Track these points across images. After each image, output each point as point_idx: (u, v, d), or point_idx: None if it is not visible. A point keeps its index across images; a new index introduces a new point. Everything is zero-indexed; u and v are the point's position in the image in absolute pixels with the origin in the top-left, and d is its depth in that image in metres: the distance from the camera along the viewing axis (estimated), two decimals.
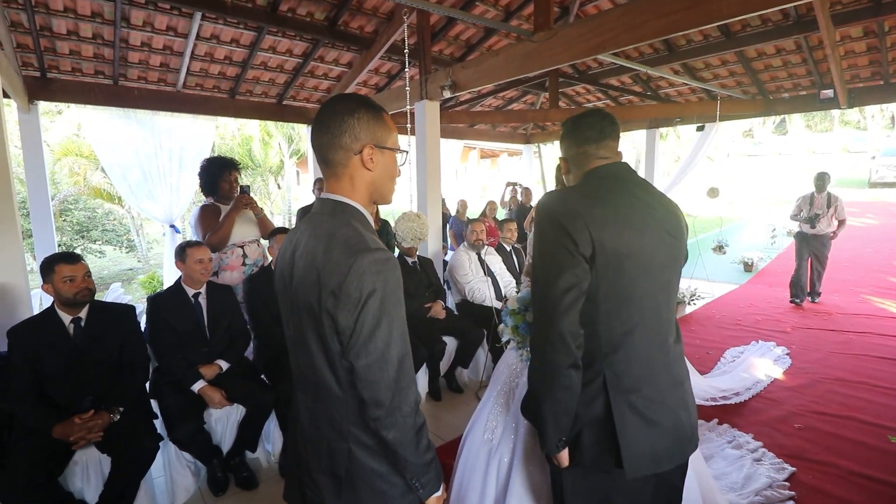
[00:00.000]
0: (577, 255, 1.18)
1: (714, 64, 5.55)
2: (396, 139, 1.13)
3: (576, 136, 1.40)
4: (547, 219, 1.26)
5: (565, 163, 1.46)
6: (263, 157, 14.97)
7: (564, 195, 1.30)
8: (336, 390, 1.04)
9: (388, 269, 0.98)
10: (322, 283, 0.98)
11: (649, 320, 1.26)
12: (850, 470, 2.58)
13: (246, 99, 5.37)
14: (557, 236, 1.20)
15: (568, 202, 1.25)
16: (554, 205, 1.27)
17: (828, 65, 4.62)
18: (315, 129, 1.07)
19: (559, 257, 1.19)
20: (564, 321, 1.18)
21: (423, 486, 1.06)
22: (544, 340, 1.21)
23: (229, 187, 3.24)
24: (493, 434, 1.85)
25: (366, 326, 0.95)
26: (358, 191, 1.09)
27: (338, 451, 1.06)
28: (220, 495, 2.46)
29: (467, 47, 5.46)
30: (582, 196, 1.27)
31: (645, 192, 1.32)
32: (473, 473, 1.84)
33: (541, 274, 1.24)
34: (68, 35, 3.87)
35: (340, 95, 1.09)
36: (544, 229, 1.26)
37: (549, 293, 1.19)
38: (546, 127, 8.58)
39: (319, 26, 4.52)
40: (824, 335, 4.79)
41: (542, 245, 1.25)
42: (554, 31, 3.11)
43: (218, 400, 2.48)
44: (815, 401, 3.38)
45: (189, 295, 2.65)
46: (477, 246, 4.12)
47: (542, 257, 1.24)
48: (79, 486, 2.08)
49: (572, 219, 1.20)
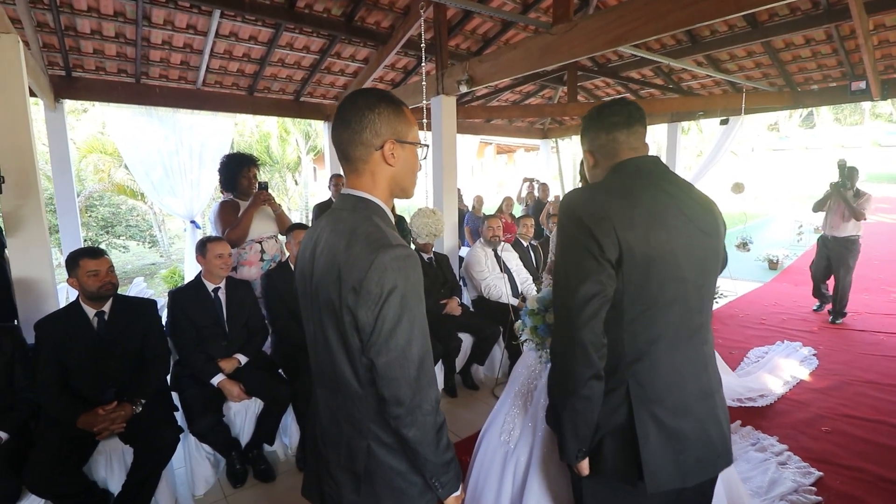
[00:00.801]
0: (602, 260, 1.10)
1: (739, 55, 5.39)
2: (417, 133, 1.11)
3: (603, 123, 1.30)
4: (571, 219, 1.17)
5: (591, 156, 1.35)
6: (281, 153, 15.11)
7: (590, 193, 1.20)
8: (356, 387, 1.03)
9: (409, 266, 0.96)
10: (343, 280, 0.97)
11: (679, 327, 1.18)
12: (881, 476, 2.48)
13: (264, 96, 5.42)
14: (582, 239, 1.12)
15: (593, 201, 1.16)
16: (578, 204, 1.17)
17: (860, 55, 4.46)
18: (335, 125, 1.06)
19: (583, 262, 1.12)
20: (587, 330, 1.11)
21: (443, 485, 1.05)
22: (565, 349, 1.15)
23: (248, 183, 3.27)
24: (511, 436, 1.82)
25: (386, 323, 0.94)
26: (379, 186, 1.07)
27: (357, 448, 1.05)
28: (239, 487, 2.50)
29: (484, 41, 5.41)
30: (608, 194, 1.17)
31: (677, 187, 1.23)
32: (490, 475, 1.82)
33: (563, 279, 1.16)
34: (92, 34, 3.96)
35: (360, 90, 1.07)
36: (568, 231, 1.17)
37: (572, 300, 1.12)
38: (564, 122, 8.47)
39: (336, 22, 4.53)
40: (854, 335, 4.63)
41: (566, 248, 1.17)
42: (573, 23, 3.05)
43: (237, 393, 2.51)
44: (844, 403, 3.27)
45: (209, 290, 2.68)
46: (493, 242, 4.09)
47: (565, 261, 1.17)
48: (102, 476, 2.13)
49: (598, 220, 1.11)
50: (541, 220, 6.54)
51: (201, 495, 2.45)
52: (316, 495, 1.21)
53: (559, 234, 1.21)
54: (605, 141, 1.30)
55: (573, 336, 1.12)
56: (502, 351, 3.81)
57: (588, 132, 1.34)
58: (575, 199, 1.20)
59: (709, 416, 1.22)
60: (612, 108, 1.30)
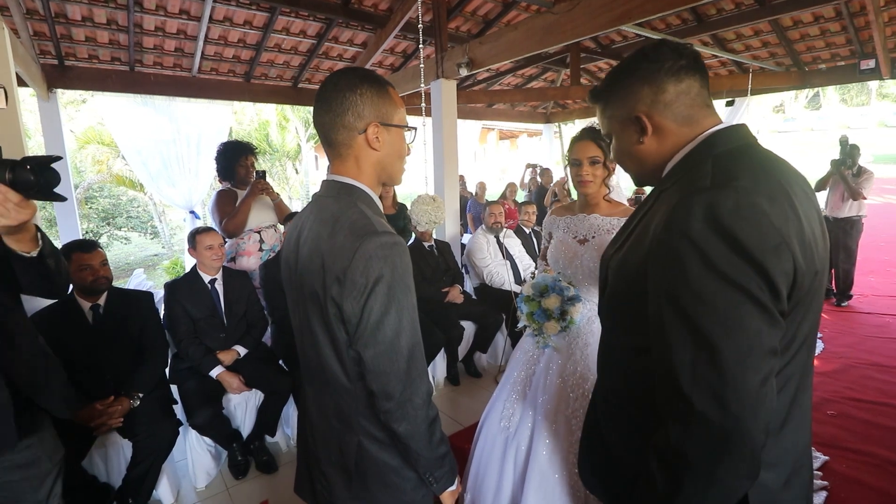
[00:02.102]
0: (776, 313, 0.71)
1: (746, 34, 5.27)
2: (404, 115, 1.05)
3: (664, 66, 0.85)
4: (722, 248, 0.70)
5: (648, 121, 0.87)
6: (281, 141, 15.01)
7: (743, 196, 0.71)
8: (344, 381, 0.99)
9: (395, 254, 0.92)
10: (326, 269, 0.93)
11: (810, 371, 0.86)
12: (888, 459, 2.46)
13: (261, 83, 5.33)
14: (745, 283, 0.69)
15: (757, 211, 0.70)
16: (733, 219, 0.70)
17: (870, 32, 4.34)
18: (316, 107, 1.00)
19: (750, 323, 0.70)
20: (761, 426, 0.71)
21: (437, 480, 1.02)
22: (720, 455, 0.71)
23: (245, 172, 3.22)
24: (510, 422, 1.81)
25: (373, 315, 0.90)
26: (364, 172, 1.02)
27: (347, 444, 1.02)
28: (241, 479, 2.49)
29: (485, 23, 5.29)
30: (761, 194, 0.72)
31: (786, 165, 0.83)
32: (490, 461, 1.81)
33: (721, 349, 0.70)
34: (83, 21, 3.87)
35: (342, 70, 1.01)
36: (716, 268, 0.70)
37: (738, 385, 0.69)
38: (567, 105, 8.34)
39: (333, 5, 4.42)
40: (859, 318, 4.59)
41: (709, 297, 0.70)
42: (576, 2, 2.96)
43: (236, 385, 2.50)
44: (850, 387, 3.24)
45: (205, 281, 2.65)
46: (495, 229, 4.04)
47: (705, 315, 0.71)
48: (102, 470, 2.12)
49: (774, 249, 0.70)
50: (545, 203, 6.49)
51: (203, 487, 2.44)
52: (308, 493, 1.19)
53: (684, 266, 0.72)
54: (674, 94, 0.85)
55: (741, 437, 0.70)
56: (505, 338, 3.78)
57: (641, 82, 0.87)
58: (722, 210, 0.70)
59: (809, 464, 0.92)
60: (666, 47, 0.87)
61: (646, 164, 0.93)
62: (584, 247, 1.76)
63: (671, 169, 0.89)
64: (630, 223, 0.98)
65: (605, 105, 0.96)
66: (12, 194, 1.03)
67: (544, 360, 1.80)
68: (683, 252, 0.72)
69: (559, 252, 1.83)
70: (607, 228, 1.73)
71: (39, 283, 1.25)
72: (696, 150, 0.85)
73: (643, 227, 0.88)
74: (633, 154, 0.93)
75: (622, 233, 1.00)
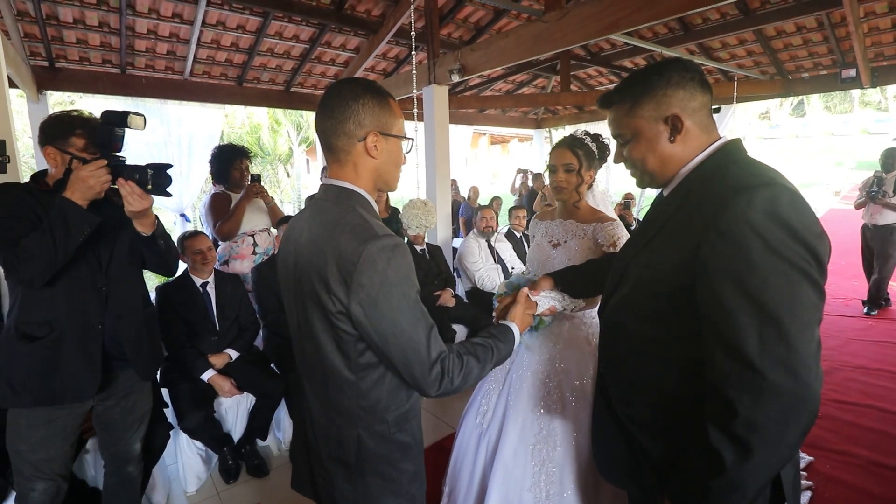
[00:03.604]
0: (823, 288, 0.83)
1: (731, 44, 5.38)
2: (402, 126, 1.10)
3: (695, 79, 0.96)
4: (784, 236, 0.80)
5: (681, 122, 0.96)
6: (273, 145, 14.98)
7: (791, 196, 0.83)
8: (347, 374, 1.03)
9: (398, 255, 0.96)
10: (329, 271, 0.96)
11: None
12: (871, 460, 2.51)
13: (253, 86, 5.34)
14: (805, 265, 0.80)
15: (803, 207, 0.83)
16: (791, 212, 0.81)
17: (850, 42, 4.45)
18: (319, 113, 1.05)
19: (809, 297, 0.81)
20: (821, 388, 0.84)
21: (509, 341, 1.19)
22: (792, 419, 0.82)
23: (240, 175, 3.23)
24: (484, 417, 1.85)
25: (386, 315, 0.94)
26: (362, 177, 1.06)
27: (347, 437, 1.06)
28: (232, 483, 2.48)
29: (476, 30, 5.35)
30: (797, 194, 0.84)
31: None
32: (465, 455, 1.85)
33: (786, 323, 0.80)
34: (75, 24, 3.86)
35: (346, 80, 1.06)
36: (782, 253, 0.80)
37: (804, 355, 0.80)
38: (557, 111, 8.43)
39: (325, 10, 4.45)
40: (843, 321, 4.68)
41: (777, 277, 0.80)
42: (566, 11, 3.02)
43: (227, 389, 2.49)
44: (834, 389, 3.31)
45: (197, 285, 2.64)
46: (486, 233, 4.07)
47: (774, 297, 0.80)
48: (92, 474, 2.11)
49: (819, 236, 0.82)
50: (535, 207, 6.54)
51: (193, 492, 2.43)
52: (308, 488, 1.21)
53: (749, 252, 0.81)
54: (700, 103, 0.97)
55: (806, 401, 0.81)
56: None
57: (677, 87, 0.96)
58: (781, 203, 0.82)
59: None
60: (692, 63, 0.99)
61: (668, 165, 1.01)
62: (556, 250, 1.81)
63: (691, 171, 0.98)
64: (652, 224, 1.05)
65: (634, 103, 0.99)
66: (137, 189, 1.44)
67: (518, 358, 1.84)
68: (747, 239, 0.81)
69: (535, 254, 1.90)
70: (581, 234, 1.77)
71: (155, 260, 1.68)
72: (715, 156, 0.96)
73: (678, 224, 0.95)
74: (660, 153, 1.00)
75: (644, 233, 1.06)
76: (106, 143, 1.45)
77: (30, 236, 1.38)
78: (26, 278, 1.40)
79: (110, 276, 1.60)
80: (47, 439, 1.55)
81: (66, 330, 1.51)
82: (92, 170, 1.39)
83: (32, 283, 1.42)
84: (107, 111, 1.46)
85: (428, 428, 2.90)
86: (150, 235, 1.57)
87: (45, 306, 1.50)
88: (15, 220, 1.43)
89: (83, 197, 1.40)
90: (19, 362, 1.49)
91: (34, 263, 1.37)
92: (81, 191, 1.39)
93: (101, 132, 1.45)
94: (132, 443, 1.78)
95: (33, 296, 1.49)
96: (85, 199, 1.41)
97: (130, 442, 1.77)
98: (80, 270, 1.53)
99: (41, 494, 1.56)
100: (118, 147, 1.47)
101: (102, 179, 1.41)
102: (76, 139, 1.50)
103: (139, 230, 1.55)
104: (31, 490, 1.55)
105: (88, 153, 1.49)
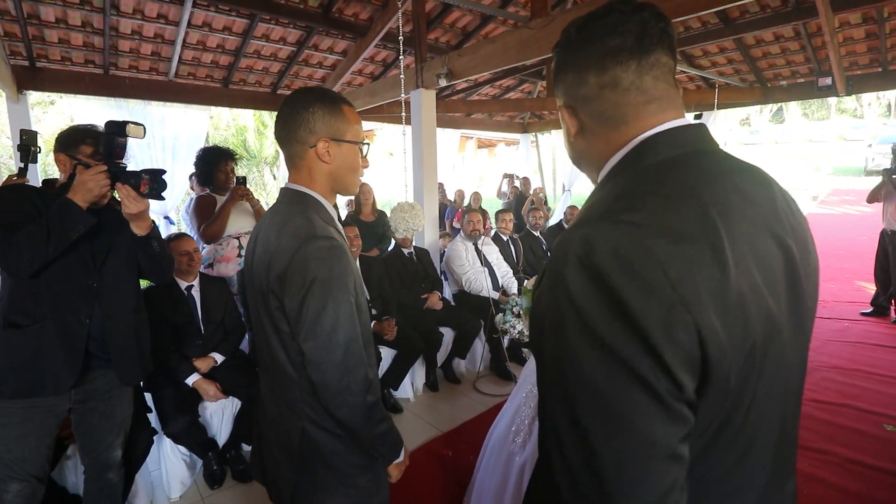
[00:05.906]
0: (676, 405, 0.50)
1: (712, 51, 5.51)
2: (358, 132, 1.13)
3: (591, 48, 0.65)
4: (590, 299, 0.51)
5: (572, 116, 0.70)
6: (259, 147, 14.83)
7: (621, 228, 0.53)
8: (290, 371, 1.08)
9: (332, 256, 1.01)
10: (271, 268, 1.03)
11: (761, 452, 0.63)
12: (847, 458, 2.58)
13: (239, 88, 5.30)
14: (626, 356, 0.49)
15: (642, 250, 0.51)
16: (604, 259, 0.51)
17: (826, 52, 4.59)
18: (276, 122, 1.12)
19: (636, 418, 0.49)
20: None
21: (381, 454, 1.13)
22: None
23: (225, 178, 3.20)
24: (518, 437, 1.79)
25: (311, 311, 0.99)
26: (317, 182, 1.11)
27: (293, 429, 1.10)
28: (217, 488, 2.45)
29: (463, 35, 5.39)
30: (663, 231, 0.52)
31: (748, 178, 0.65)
32: (493, 475, 1.82)
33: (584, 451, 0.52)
34: (57, 23, 3.80)
35: (300, 90, 1.12)
36: (585, 328, 0.51)
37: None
38: (543, 116, 8.51)
39: (313, 13, 4.44)
40: (820, 323, 4.79)
41: (585, 370, 0.51)
42: (551, 18, 3.07)
43: (213, 393, 2.47)
44: (811, 388, 3.39)
45: (182, 288, 2.62)
46: (473, 236, 4.09)
47: (584, 400, 0.52)
48: (72, 481, 2.07)
49: (666, 313, 0.49)
50: (523, 212, 6.60)
51: (177, 497, 2.40)
52: (259, 474, 1.26)
53: (563, 325, 0.53)
54: (596, 87, 0.66)
55: None
56: (483, 344, 3.82)
57: (565, 68, 0.70)
58: (597, 250, 0.52)
59: None
60: (609, 18, 0.64)
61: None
62: None
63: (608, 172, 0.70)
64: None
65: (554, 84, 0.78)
66: (133, 192, 1.53)
67: None
68: (562, 306, 0.53)
69: None
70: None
71: (148, 264, 1.73)
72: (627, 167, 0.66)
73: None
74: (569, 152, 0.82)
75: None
76: (108, 152, 1.55)
77: (26, 227, 1.45)
78: (14, 267, 1.46)
79: (104, 276, 1.65)
80: (22, 438, 1.56)
81: (50, 322, 1.56)
82: (92, 174, 1.49)
83: (19, 273, 1.47)
84: (109, 121, 1.55)
85: (414, 430, 2.91)
86: (143, 236, 1.65)
87: (33, 297, 1.55)
88: (14, 210, 1.51)
89: (84, 199, 1.49)
90: (2, 353, 1.54)
91: (25, 253, 1.43)
92: (82, 193, 1.48)
93: (104, 141, 1.56)
94: (112, 449, 1.78)
95: (22, 286, 1.55)
96: (85, 202, 1.50)
97: (110, 448, 1.78)
98: (73, 267, 1.58)
99: (15, 496, 1.56)
100: (120, 154, 1.57)
101: (101, 183, 1.50)
102: (85, 147, 1.61)
103: (134, 231, 1.63)
104: (3, 491, 1.55)
105: (94, 161, 1.59)
